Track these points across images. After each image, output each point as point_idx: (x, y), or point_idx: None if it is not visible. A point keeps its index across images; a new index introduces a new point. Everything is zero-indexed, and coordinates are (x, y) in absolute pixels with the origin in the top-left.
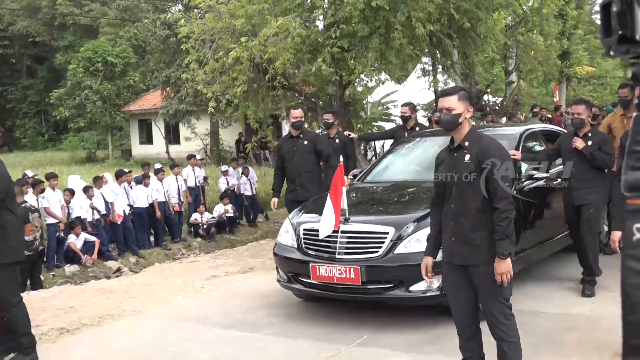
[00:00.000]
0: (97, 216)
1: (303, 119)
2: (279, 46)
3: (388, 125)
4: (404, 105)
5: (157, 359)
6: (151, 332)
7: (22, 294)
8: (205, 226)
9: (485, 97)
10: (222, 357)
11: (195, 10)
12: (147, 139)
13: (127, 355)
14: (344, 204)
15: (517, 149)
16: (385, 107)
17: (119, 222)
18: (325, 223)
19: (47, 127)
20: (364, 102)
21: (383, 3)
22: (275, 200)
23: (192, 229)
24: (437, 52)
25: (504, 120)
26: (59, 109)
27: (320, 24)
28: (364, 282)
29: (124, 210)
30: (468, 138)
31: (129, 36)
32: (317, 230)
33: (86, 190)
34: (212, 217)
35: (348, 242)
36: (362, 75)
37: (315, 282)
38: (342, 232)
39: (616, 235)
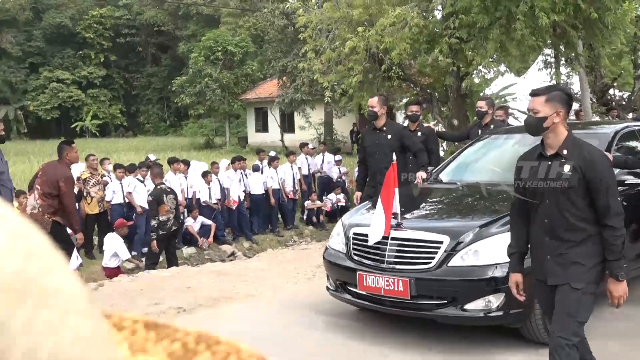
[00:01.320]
0: (214, 200)
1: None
2: (396, 36)
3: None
4: (480, 99)
5: (268, 342)
6: (263, 316)
7: (155, 271)
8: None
9: (611, 92)
10: (330, 344)
11: (313, 0)
12: (262, 127)
13: (240, 337)
14: (397, 207)
15: (608, 150)
16: (503, 99)
17: (234, 208)
18: (375, 228)
19: (169, 113)
20: (481, 94)
21: None
22: (358, 194)
23: (304, 217)
24: (561, 43)
25: (630, 116)
26: (180, 96)
27: (438, 14)
28: (413, 296)
29: (239, 196)
30: (566, 145)
31: (248, 26)
32: (367, 235)
33: (205, 175)
34: (324, 205)
35: (398, 251)
36: (480, 67)
37: (363, 293)
38: (392, 238)
39: None
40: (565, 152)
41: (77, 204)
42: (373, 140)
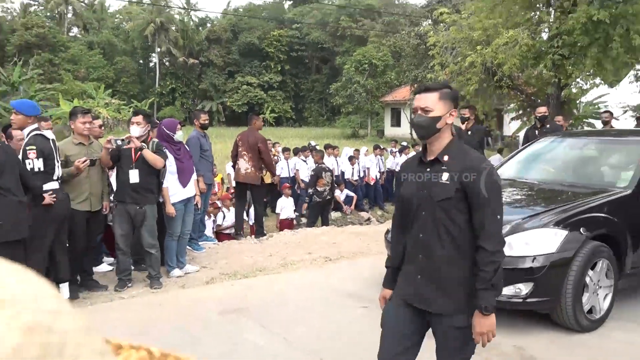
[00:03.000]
0: (356, 177)
1: (467, 115)
2: (508, 53)
3: (597, 123)
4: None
5: None
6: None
7: (311, 229)
8: None
9: None
10: None
11: (442, 24)
12: (396, 122)
13: (369, 282)
14: None
15: None
16: (596, 106)
17: (371, 184)
18: None
19: (326, 110)
20: (577, 102)
21: (604, 17)
22: None
23: None
24: None
25: None
26: (335, 97)
27: (544, 35)
28: None
29: (376, 175)
30: (449, 151)
31: (389, 44)
32: None
33: (350, 158)
34: None
35: None
36: (578, 79)
37: None
38: None
39: None
40: (446, 158)
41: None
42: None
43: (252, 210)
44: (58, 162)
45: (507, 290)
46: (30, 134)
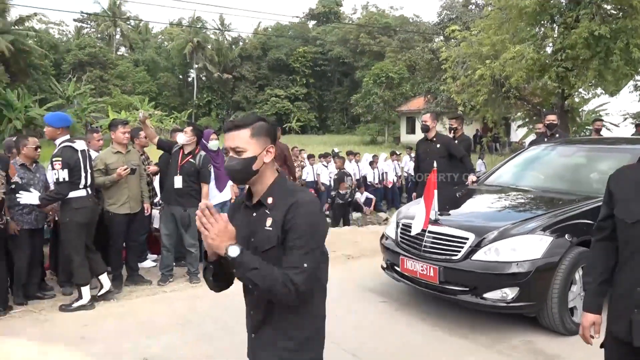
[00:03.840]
0: (376, 181)
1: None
2: (515, 66)
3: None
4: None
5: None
6: None
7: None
8: None
9: None
10: None
11: (453, 40)
12: (411, 130)
13: (387, 278)
14: (435, 206)
15: None
16: (598, 114)
17: (389, 186)
18: (417, 221)
19: (347, 119)
20: (580, 110)
21: (605, 32)
22: (414, 194)
23: None
24: None
25: None
26: (355, 107)
27: (549, 49)
28: (441, 281)
29: (393, 178)
30: (273, 192)
31: (405, 58)
32: (411, 227)
33: (370, 163)
34: None
35: (432, 242)
36: (580, 89)
37: (404, 274)
38: (429, 232)
39: None
40: (270, 200)
41: None
42: (425, 149)
43: None
44: (87, 172)
45: (493, 295)
46: (61, 145)
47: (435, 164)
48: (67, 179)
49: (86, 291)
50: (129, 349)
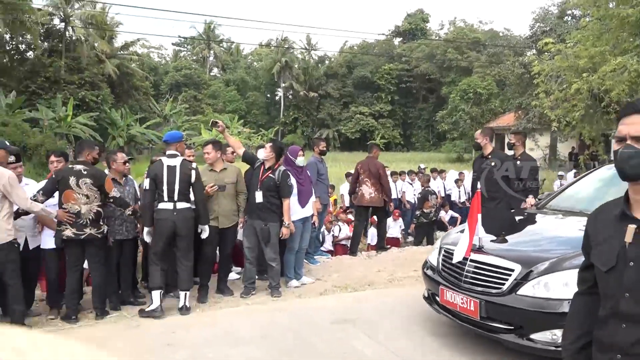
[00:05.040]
0: (462, 199)
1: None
2: (616, 79)
3: None
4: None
5: None
6: None
7: (416, 247)
8: None
9: None
10: None
11: (546, 53)
12: (500, 147)
13: None
14: (479, 232)
15: None
16: None
17: None
18: (460, 248)
19: (432, 136)
20: None
21: None
22: None
23: None
24: None
25: None
26: (440, 124)
27: None
28: (482, 317)
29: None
30: None
31: (494, 74)
32: (453, 254)
33: (456, 181)
34: None
35: (475, 272)
36: None
37: (445, 305)
38: (471, 260)
39: None
40: None
41: None
42: (479, 166)
43: (371, 231)
44: (172, 185)
45: (542, 336)
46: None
47: (479, 186)
48: (147, 187)
49: (156, 296)
50: (211, 358)
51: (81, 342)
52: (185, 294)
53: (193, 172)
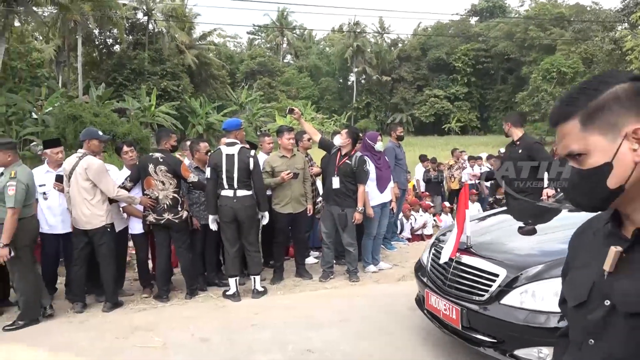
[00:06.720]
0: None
1: None
2: None
3: None
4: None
5: None
6: None
7: None
8: None
9: None
10: None
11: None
12: None
13: None
14: (468, 230)
15: None
16: None
17: None
18: (447, 247)
19: None
20: None
21: None
22: None
23: None
24: None
25: None
26: (520, 106)
27: None
28: (464, 326)
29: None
30: None
31: (579, 51)
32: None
33: None
34: None
35: (459, 276)
36: None
37: (430, 311)
38: (456, 262)
39: None
40: None
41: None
42: (508, 152)
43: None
44: (230, 173)
45: (527, 353)
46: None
47: (467, 180)
48: (209, 176)
49: (232, 282)
50: (293, 339)
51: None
52: (254, 278)
53: (251, 160)
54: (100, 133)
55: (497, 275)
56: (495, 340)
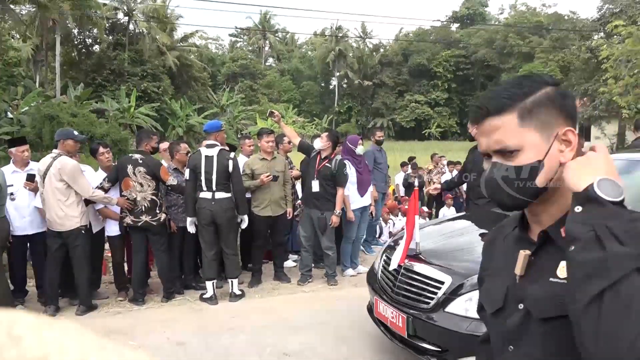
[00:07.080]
0: None
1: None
2: None
3: None
4: None
5: None
6: None
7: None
8: None
9: None
10: None
11: (616, 36)
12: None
13: None
14: (417, 236)
15: None
16: None
17: None
18: (397, 253)
19: None
20: None
21: None
22: None
23: None
24: None
25: None
26: None
27: None
28: (409, 335)
29: None
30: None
31: (557, 59)
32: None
33: None
34: None
35: (407, 283)
36: None
37: (378, 319)
38: (404, 269)
39: None
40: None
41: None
42: (471, 157)
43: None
44: (209, 175)
45: None
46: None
47: (416, 184)
48: (187, 177)
49: (209, 285)
50: (270, 343)
51: (92, 331)
52: (232, 281)
53: (230, 162)
54: (76, 133)
55: (442, 283)
56: (440, 349)
